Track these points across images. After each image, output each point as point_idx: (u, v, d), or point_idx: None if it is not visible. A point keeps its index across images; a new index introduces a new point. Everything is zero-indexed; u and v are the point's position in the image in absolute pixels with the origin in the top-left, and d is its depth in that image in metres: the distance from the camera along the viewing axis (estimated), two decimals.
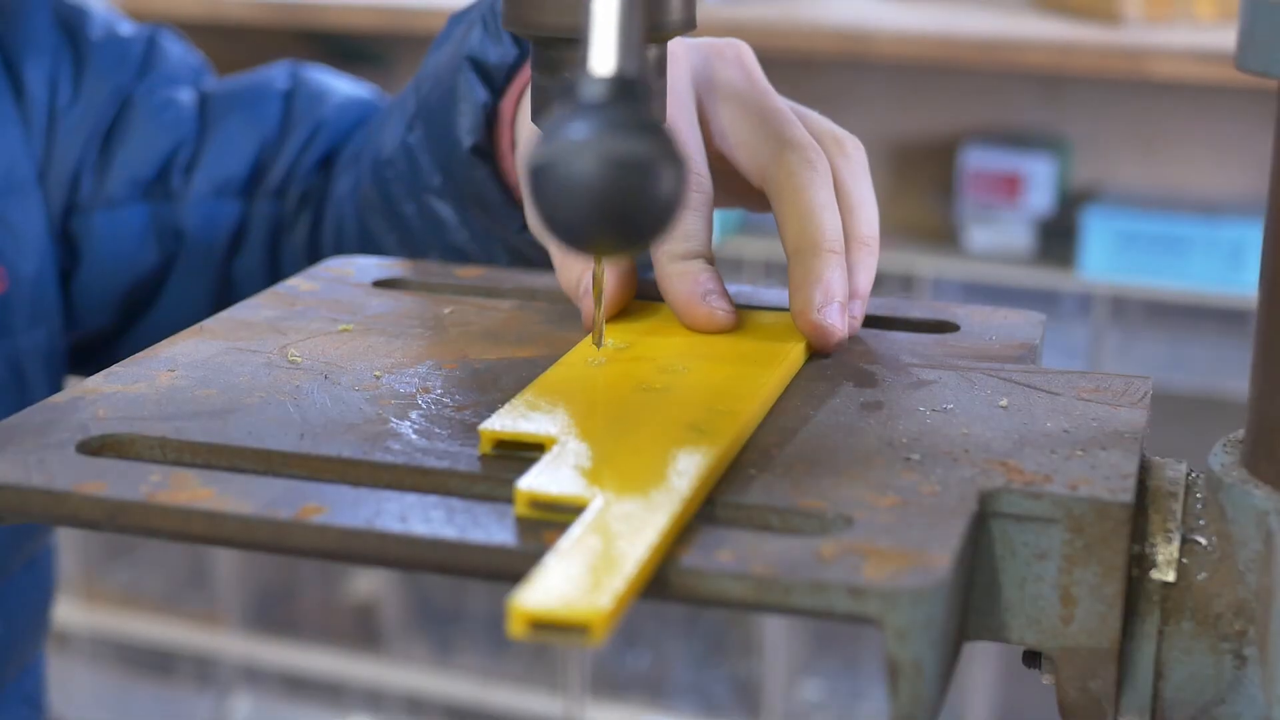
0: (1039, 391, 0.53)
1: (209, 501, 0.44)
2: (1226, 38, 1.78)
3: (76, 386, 0.52)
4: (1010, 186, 2.00)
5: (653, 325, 0.59)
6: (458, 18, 0.73)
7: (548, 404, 0.50)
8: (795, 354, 0.55)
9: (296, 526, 0.43)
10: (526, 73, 0.68)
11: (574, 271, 0.59)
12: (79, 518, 0.45)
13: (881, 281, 2.10)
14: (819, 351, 0.57)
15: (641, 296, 0.61)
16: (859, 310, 0.59)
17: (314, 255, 0.83)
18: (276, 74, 0.87)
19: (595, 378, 0.54)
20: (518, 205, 0.69)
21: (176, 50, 0.87)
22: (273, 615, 2.32)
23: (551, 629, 0.37)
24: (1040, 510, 0.44)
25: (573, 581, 0.39)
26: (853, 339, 0.59)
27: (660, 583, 0.41)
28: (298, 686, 2.31)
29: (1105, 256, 1.94)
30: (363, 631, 2.27)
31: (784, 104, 0.61)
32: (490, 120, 0.69)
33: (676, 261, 0.58)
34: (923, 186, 2.14)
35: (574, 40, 0.49)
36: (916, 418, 0.51)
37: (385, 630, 2.24)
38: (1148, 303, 1.97)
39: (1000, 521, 0.45)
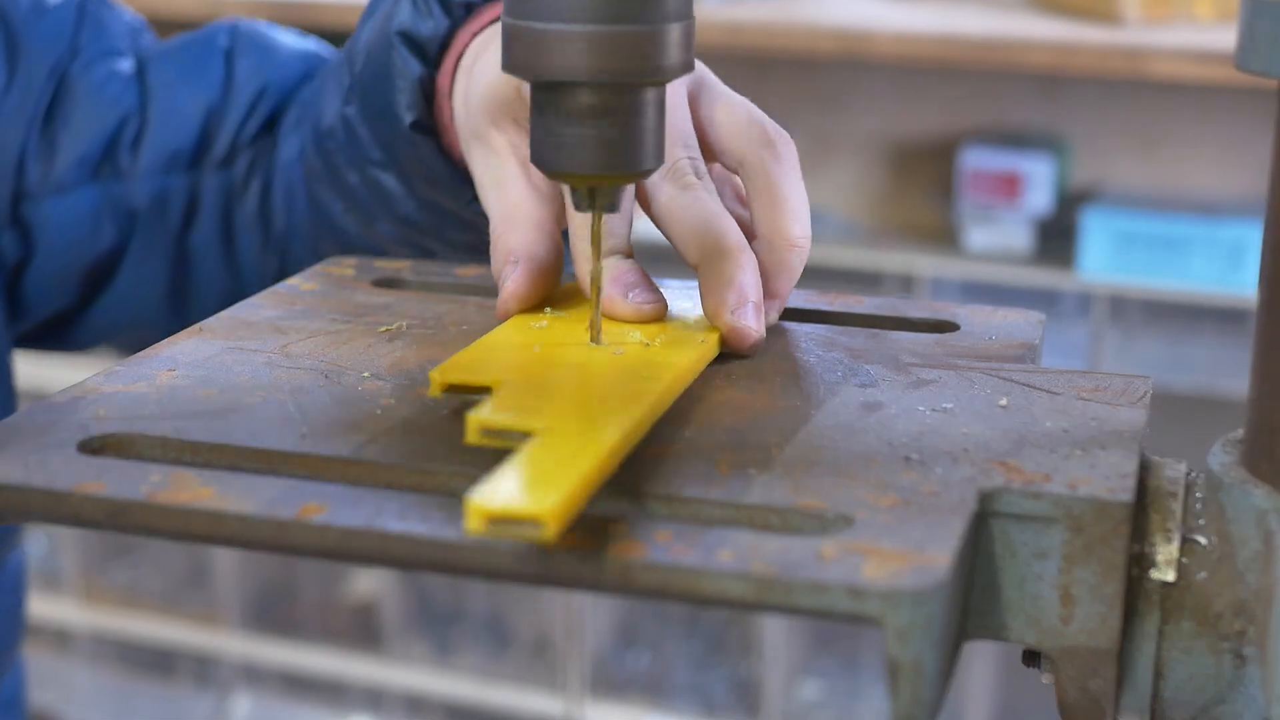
0: (1039, 391, 0.53)
1: (209, 501, 0.44)
2: (1226, 38, 1.78)
3: (77, 386, 0.52)
4: (1009, 186, 2.00)
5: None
6: None
7: (494, 354, 0.54)
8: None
9: (296, 526, 0.43)
10: (460, 43, 0.67)
11: (499, 253, 0.60)
12: (79, 518, 0.45)
13: (881, 281, 2.11)
14: (736, 353, 0.57)
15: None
16: (775, 311, 0.59)
17: (266, 221, 0.82)
18: (217, 31, 0.85)
19: (537, 335, 0.56)
20: (466, 178, 0.68)
21: (109, 15, 0.84)
22: (273, 615, 2.32)
23: (507, 523, 0.40)
24: (1040, 510, 0.45)
25: (527, 482, 0.41)
26: (851, 337, 0.59)
27: (661, 583, 0.41)
28: (298, 686, 2.31)
29: (1104, 256, 1.94)
30: (363, 631, 2.27)
31: (685, 118, 0.60)
32: (428, 94, 0.68)
33: (591, 262, 0.57)
34: (922, 186, 2.14)
35: (575, 84, 0.50)
36: (916, 417, 0.51)
37: (385, 630, 2.24)
38: (1147, 303, 1.97)
39: (1000, 521, 0.45)
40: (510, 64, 0.51)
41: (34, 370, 0.88)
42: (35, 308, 0.82)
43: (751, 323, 0.56)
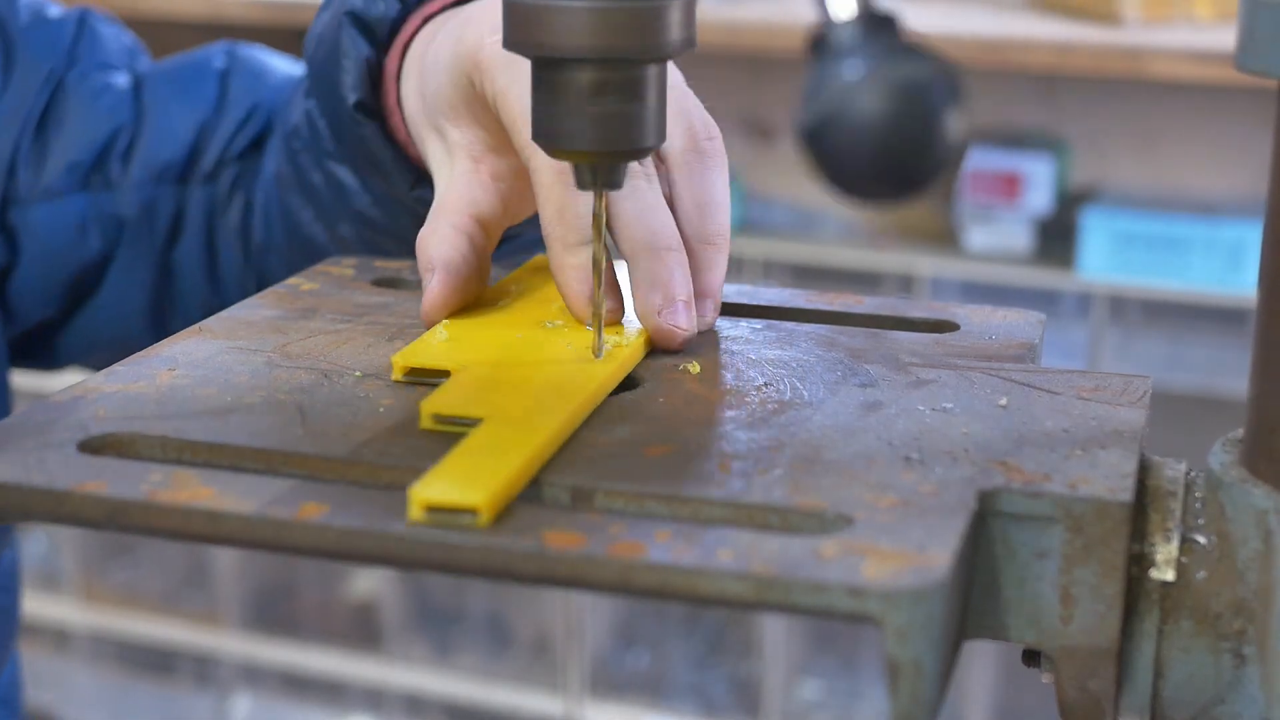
0: (1038, 391, 0.53)
1: (209, 501, 0.44)
2: (1226, 38, 1.79)
3: (77, 385, 0.52)
4: (1009, 186, 2.00)
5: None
6: None
7: (455, 338, 0.56)
8: None
9: (296, 526, 0.43)
10: (410, 27, 0.68)
11: (419, 255, 0.60)
12: (79, 517, 0.45)
13: (881, 281, 2.11)
14: (665, 350, 0.57)
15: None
16: (710, 310, 0.59)
17: (246, 237, 0.82)
18: (213, 53, 0.85)
19: (499, 316, 0.59)
20: (409, 163, 0.68)
21: (108, 31, 0.85)
22: (273, 615, 2.32)
23: (446, 512, 0.43)
24: (1040, 510, 0.45)
25: (465, 475, 0.44)
26: (851, 337, 0.59)
27: (661, 583, 0.41)
28: (298, 686, 2.31)
29: (1104, 256, 1.94)
30: (363, 631, 2.27)
31: None
32: (375, 76, 0.68)
33: (572, 251, 0.57)
34: None
35: (577, 60, 0.50)
36: (916, 417, 0.51)
37: (385, 630, 2.24)
38: (1146, 303, 1.97)
39: (1000, 521, 0.45)
40: (511, 41, 0.50)
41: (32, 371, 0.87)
42: (20, 315, 0.83)
43: (680, 322, 0.56)
